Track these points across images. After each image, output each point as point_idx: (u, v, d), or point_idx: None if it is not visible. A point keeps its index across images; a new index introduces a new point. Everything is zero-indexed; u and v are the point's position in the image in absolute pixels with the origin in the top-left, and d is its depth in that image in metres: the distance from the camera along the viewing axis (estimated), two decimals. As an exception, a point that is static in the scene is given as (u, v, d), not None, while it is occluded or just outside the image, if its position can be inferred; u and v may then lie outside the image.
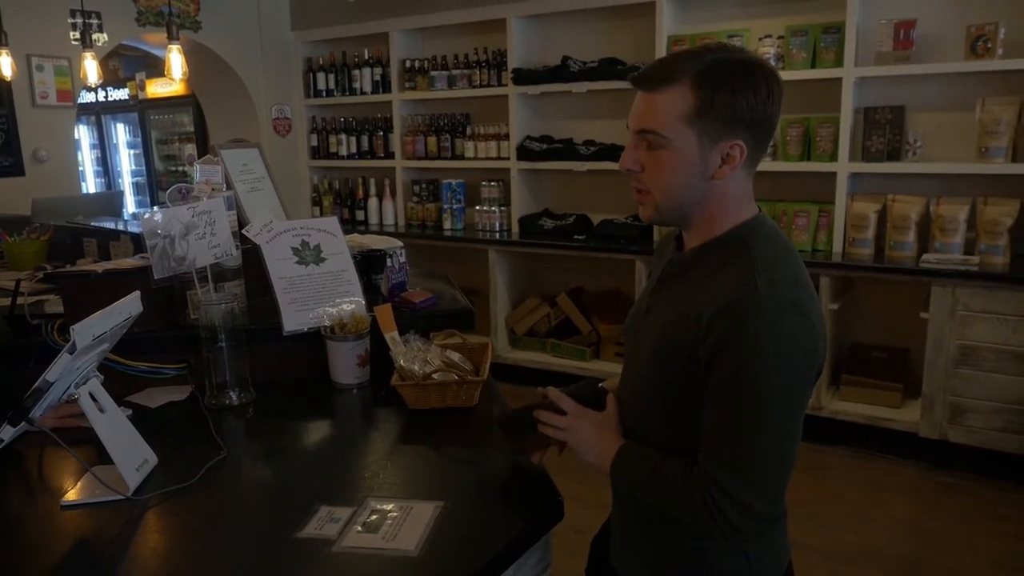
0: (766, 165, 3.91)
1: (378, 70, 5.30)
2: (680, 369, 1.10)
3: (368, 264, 2.07)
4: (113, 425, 1.37)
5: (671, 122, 1.07)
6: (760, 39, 3.86)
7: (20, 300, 1.92)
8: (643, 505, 1.20)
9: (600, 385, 1.39)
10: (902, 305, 3.70)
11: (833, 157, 3.74)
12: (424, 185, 5.26)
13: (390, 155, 5.36)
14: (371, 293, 2.02)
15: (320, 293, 1.88)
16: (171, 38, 3.55)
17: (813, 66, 3.75)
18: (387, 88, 5.27)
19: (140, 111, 8.12)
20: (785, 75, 3.80)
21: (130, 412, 1.66)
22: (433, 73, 5.00)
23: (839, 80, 3.64)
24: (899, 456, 3.51)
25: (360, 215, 5.50)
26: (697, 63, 1.07)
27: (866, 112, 3.69)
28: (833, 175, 3.73)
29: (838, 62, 3.66)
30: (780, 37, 3.84)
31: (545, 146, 4.63)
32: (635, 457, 1.17)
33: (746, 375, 1.03)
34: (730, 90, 1.05)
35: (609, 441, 1.21)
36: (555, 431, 1.24)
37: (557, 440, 1.26)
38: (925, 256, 3.44)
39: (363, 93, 5.38)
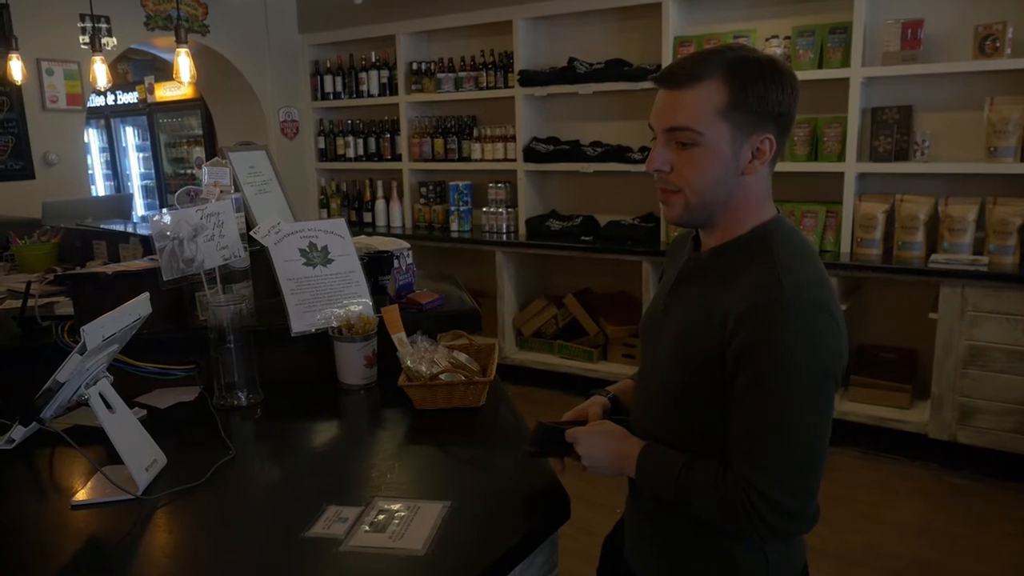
0: (773, 166, 3.89)
1: (385, 72, 5.32)
2: (702, 369, 1.10)
3: (375, 265, 2.08)
4: (123, 425, 1.38)
5: (705, 117, 1.07)
6: (767, 40, 3.86)
7: (31, 302, 1.94)
8: (661, 502, 1.18)
9: (607, 389, 1.40)
10: (910, 306, 3.69)
11: (841, 157, 3.73)
12: (431, 187, 5.27)
13: (397, 157, 5.38)
14: (378, 294, 2.03)
15: (328, 294, 1.89)
16: (179, 42, 3.56)
17: (820, 66, 3.75)
18: (394, 90, 5.29)
19: (149, 114, 8.16)
20: (792, 75, 3.81)
21: (144, 413, 1.67)
22: (440, 75, 5.01)
23: (846, 80, 3.63)
24: (908, 457, 3.50)
25: (367, 217, 5.52)
26: (724, 59, 1.08)
27: (873, 112, 3.68)
28: (841, 175, 3.72)
29: (845, 62, 3.65)
30: (787, 37, 3.83)
31: (552, 148, 4.64)
32: (660, 458, 1.15)
33: (776, 376, 1.03)
34: (763, 83, 1.07)
35: (625, 445, 1.20)
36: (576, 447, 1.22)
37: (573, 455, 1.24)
38: (934, 256, 3.43)
39: (370, 95, 5.40)
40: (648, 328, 1.27)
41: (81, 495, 1.33)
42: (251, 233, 1.91)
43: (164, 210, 1.75)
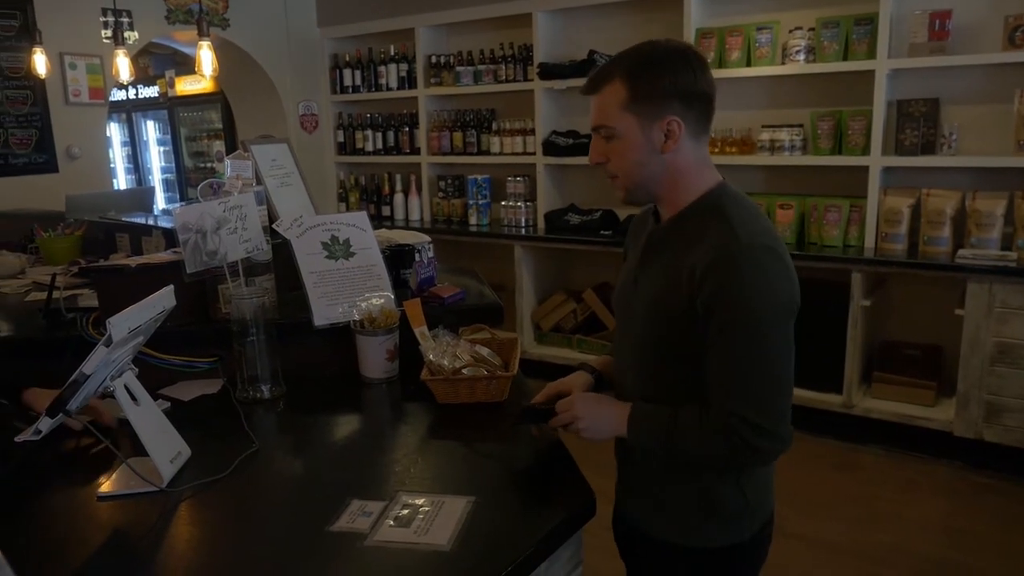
0: (796, 159, 3.85)
1: (404, 66, 5.31)
2: (676, 323, 1.23)
3: (397, 259, 2.08)
4: (148, 417, 1.38)
5: (613, 113, 1.25)
6: (790, 31, 3.81)
7: (55, 294, 1.95)
8: (648, 453, 1.31)
9: (588, 363, 1.53)
10: (936, 302, 3.63)
11: (865, 151, 3.68)
12: (450, 180, 5.26)
13: (416, 151, 5.37)
14: (400, 288, 2.03)
15: (350, 287, 1.89)
16: (202, 35, 3.58)
17: (845, 58, 3.69)
18: (413, 84, 5.28)
19: (170, 108, 8.22)
20: (816, 68, 3.77)
21: (168, 405, 1.68)
22: (459, 68, 5.00)
23: (871, 72, 3.57)
24: (932, 455, 3.45)
25: (386, 211, 5.52)
26: (626, 60, 1.25)
27: (899, 105, 3.62)
28: (865, 169, 3.67)
29: (871, 54, 3.59)
30: (811, 29, 3.78)
31: (571, 141, 4.61)
32: (649, 413, 1.28)
33: (742, 316, 1.17)
34: (653, 73, 1.23)
35: (617, 406, 1.32)
36: (568, 416, 1.33)
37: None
38: (961, 252, 3.37)
39: (389, 89, 5.40)
40: (620, 300, 1.41)
41: (106, 487, 1.34)
42: (273, 226, 1.91)
43: (187, 202, 1.75)
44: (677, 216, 1.29)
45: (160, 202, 8.42)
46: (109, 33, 4.22)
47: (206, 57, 3.58)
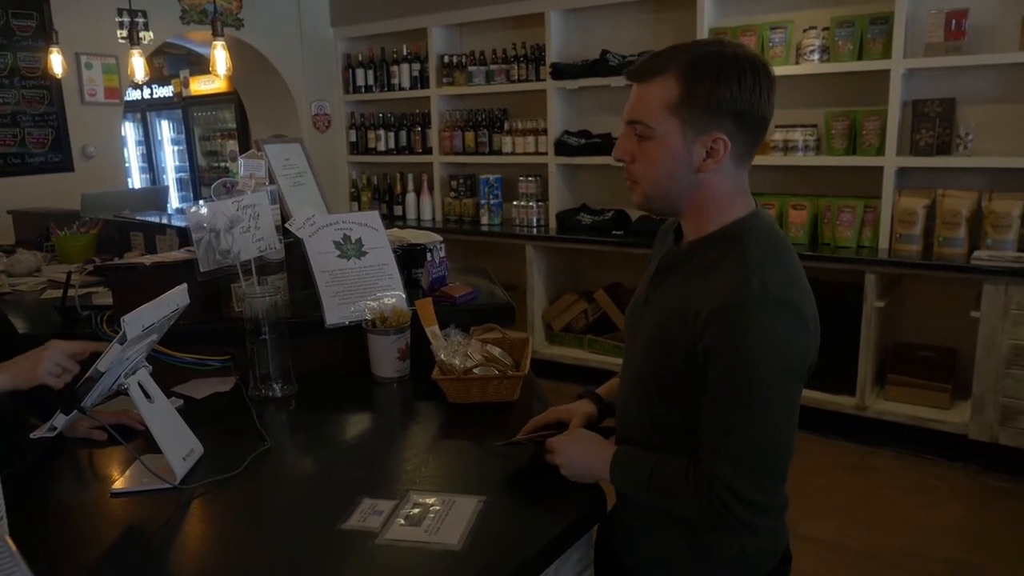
0: (809, 159, 3.83)
1: (416, 66, 5.32)
2: (676, 361, 1.13)
3: (409, 258, 2.08)
4: (161, 415, 1.39)
5: (657, 111, 1.10)
6: (804, 31, 3.78)
7: (70, 292, 1.97)
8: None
9: (596, 391, 1.45)
10: (951, 303, 3.60)
11: (880, 151, 3.65)
12: (462, 180, 5.26)
13: (428, 150, 5.38)
14: (411, 287, 2.03)
15: (361, 287, 1.89)
16: (216, 35, 3.59)
17: (859, 58, 3.66)
18: (425, 84, 5.29)
19: (184, 108, 8.27)
20: (830, 67, 3.75)
21: (181, 403, 1.69)
22: (471, 68, 5.00)
23: (887, 72, 3.55)
24: (947, 458, 3.42)
25: (398, 210, 5.53)
26: (686, 55, 1.09)
27: (914, 105, 3.59)
28: (880, 169, 3.64)
29: (886, 54, 3.57)
30: (825, 29, 3.75)
31: (583, 141, 4.60)
32: (632, 461, 1.20)
33: (742, 375, 1.05)
34: (714, 80, 1.07)
35: (600, 451, 1.24)
36: (549, 457, 1.30)
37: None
38: (976, 253, 3.34)
39: (401, 89, 5.41)
40: (631, 318, 1.29)
41: (120, 483, 1.35)
42: (286, 225, 1.91)
43: (201, 201, 1.77)
44: (697, 242, 1.16)
45: (174, 201, 8.47)
46: (124, 33, 4.25)
47: (220, 57, 3.60)
